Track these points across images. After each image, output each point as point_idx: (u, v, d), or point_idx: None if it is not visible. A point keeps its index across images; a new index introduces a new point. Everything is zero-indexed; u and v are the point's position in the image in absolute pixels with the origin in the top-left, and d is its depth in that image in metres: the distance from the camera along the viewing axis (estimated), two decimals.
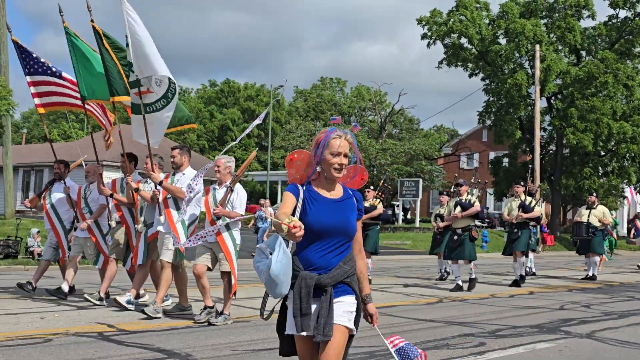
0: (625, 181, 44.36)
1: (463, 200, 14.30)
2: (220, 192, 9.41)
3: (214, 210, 9.12)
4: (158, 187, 9.55)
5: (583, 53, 46.34)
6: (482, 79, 46.19)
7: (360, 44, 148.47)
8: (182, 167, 9.84)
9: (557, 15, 44.96)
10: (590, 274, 18.25)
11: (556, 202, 45.38)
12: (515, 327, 9.16)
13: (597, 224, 18.19)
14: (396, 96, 72.78)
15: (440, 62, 47.29)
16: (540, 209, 16.29)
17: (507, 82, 42.14)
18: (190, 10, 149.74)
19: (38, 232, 19.80)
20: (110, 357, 6.66)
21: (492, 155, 54.98)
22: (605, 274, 20.22)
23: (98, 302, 10.16)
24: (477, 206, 14.23)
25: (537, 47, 39.58)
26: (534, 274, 19.07)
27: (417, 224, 43.93)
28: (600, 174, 44.00)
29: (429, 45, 46.52)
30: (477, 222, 15.92)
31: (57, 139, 78.37)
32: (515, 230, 15.66)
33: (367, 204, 15.23)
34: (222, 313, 9.09)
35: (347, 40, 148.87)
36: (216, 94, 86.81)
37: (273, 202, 56.76)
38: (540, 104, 41.29)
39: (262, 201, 27.98)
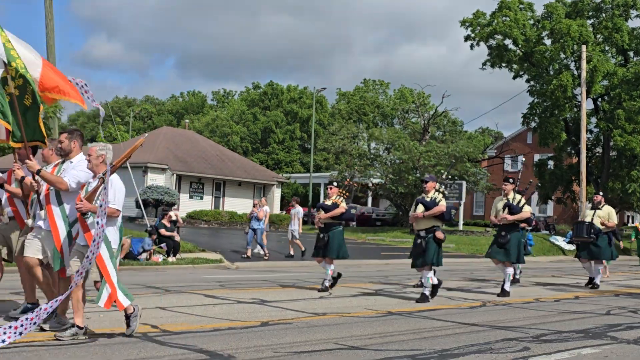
0: None
1: (427, 199, 12.43)
2: (93, 185, 7.95)
3: (77, 205, 7.71)
4: (37, 177, 8.07)
5: (631, 54, 45.56)
6: (527, 81, 45.72)
7: (409, 46, 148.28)
8: (70, 154, 8.33)
9: (604, 15, 44.29)
10: (597, 281, 16.50)
11: None
12: (560, 332, 9.04)
13: (601, 226, 16.44)
14: (440, 98, 72.89)
15: (484, 64, 46.96)
16: (530, 209, 14.15)
17: (552, 84, 41.62)
18: (241, 14, 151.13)
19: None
20: (153, 358, 6.73)
21: (536, 157, 54.37)
22: None
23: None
24: (442, 206, 12.32)
25: (584, 47, 39.01)
26: (517, 280, 16.97)
27: (461, 227, 43.59)
28: None
29: (472, 47, 46.23)
30: (525, 226, 15.29)
31: (103, 140, 79.56)
32: (503, 233, 13.67)
33: (329, 202, 13.71)
34: (73, 325, 7.62)
35: (396, 43, 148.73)
36: (259, 97, 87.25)
37: (315, 204, 56.82)
38: (587, 105, 40.68)
39: (256, 201, 27.22)
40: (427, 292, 12.36)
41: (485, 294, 14.27)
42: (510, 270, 13.83)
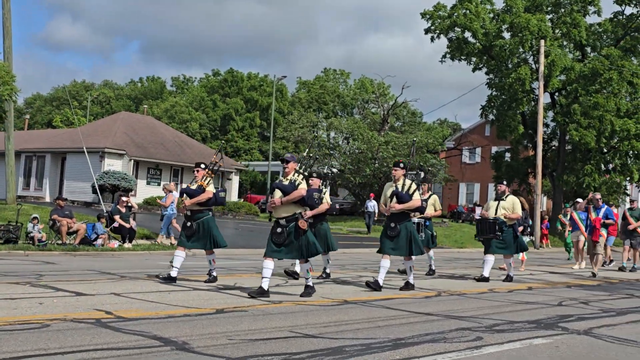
0: (627, 178, 44.34)
1: (285, 182, 11.01)
2: None
3: None
4: None
5: (588, 49, 46.28)
6: (486, 73, 46.17)
7: (376, 37, 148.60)
8: None
9: (562, 10, 44.89)
10: (511, 273, 15.83)
11: (557, 199, 45.38)
12: (512, 322, 9.17)
13: (505, 218, 15.34)
14: (400, 89, 72.97)
15: (444, 56, 47.27)
16: (419, 196, 12.56)
17: (511, 77, 42.12)
18: (208, 0, 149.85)
19: (35, 217, 19.82)
20: (107, 344, 6.67)
21: (494, 149, 54.97)
22: (605, 271, 20.21)
23: None
24: (301, 189, 10.83)
25: (542, 42, 39.51)
26: (433, 272, 16.48)
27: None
28: (602, 170, 43.95)
29: (432, 39, 46.50)
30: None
31: (60, 125, 78.41)
32: (392, 224, 12.26)
33: (194, 186, 12.55)
34: None
35: (363, 33, 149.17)
36: (219, 84, 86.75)
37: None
38: (544, 99, 41.25)
39: (164, 185, 25.57)
40: (311, 283, 11.25)
41: (441, 283, 14.39)
42: (410, 262, 12.68)
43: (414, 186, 12.31)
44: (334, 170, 47.89)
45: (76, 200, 39.65)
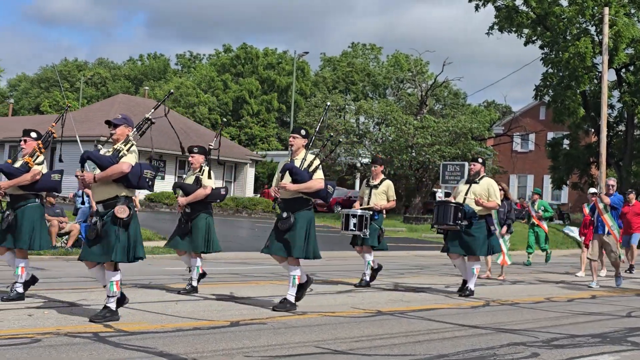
0: None
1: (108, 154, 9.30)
2: None
3: None
4: None
5: None
6: (540, 47, 45.80)
7: (418, 7, 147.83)
8: None
9: None
10: (471, 285, 13.43)
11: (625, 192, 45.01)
12: (573, 337, 9.13)
13: (476, 207, 13.17)
14: (440, 66, 72.50)
15: (491, 28, 46.93)
16: (322, 175, 10.54)
17: (569, 51, 41.72)
18: None
19: None
20: None
21: (550, 135, 54.65)
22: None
23: None
24: (123, 164, 9.02)
25: (606, 9, 39.08)
26: (368, 283, 14.36)
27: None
28: None
29: (477, 8, 46.19)
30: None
31: (48, 110, 79.08)
32: (285, 215, 10.40)
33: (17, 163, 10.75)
34: None
35: (404, 3, 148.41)
36: (231, 61, 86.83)
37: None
38: (608, 77, 40.87)
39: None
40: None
41: (490, 291, 14.36)
42: (297, 271, 10.48)
43: (317, 162, 10.51)
44: (364, 160, 47.89)
45: (67, 197, 39.98)
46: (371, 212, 14.13)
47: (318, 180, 10.44)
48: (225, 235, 27.29)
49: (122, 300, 9.24)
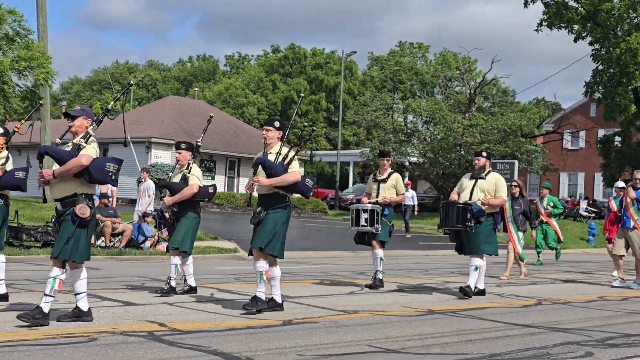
0: None
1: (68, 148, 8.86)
2: None
3: None
4: None
5: None
6: (590, 44, 45.21)
7: (471, 4, 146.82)
8: None
9: None
10: (472, 284, 12.60)
11: None
12: (628, 336, 9.01)
13: (482, 205, 12.52)
14: (488, 64, 71.85)
15: (540, 24, 46.46)
16: (298, 168, 10.11)
17: (620, 47, 41.13)
18: None
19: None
20: None
21: (601, 133, 53.92)
22: None
23: None
24: (83, 157, 8.55)
25: None
26: (381, 282, 13.63)
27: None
28: None
29: (526, 4, 45.77)
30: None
31: (101, 112, 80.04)
32: (259, 210, 9.94)
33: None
34: None
35: (452, 3, 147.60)
36: (279, 62, 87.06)
37: (343, 186, 56.92)
38: None
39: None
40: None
41: (541, 290, 14.23)
42: (264, 266, 9.88)
43: (291, 154, 9.93)
44: (412, 159, 47.71)
45: (120, 198, 40.46)
46: (381, 208, 13.49)
47: (293, 173, 9.86)
48: None
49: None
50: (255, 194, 10.14)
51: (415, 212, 33.64)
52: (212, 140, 46.69)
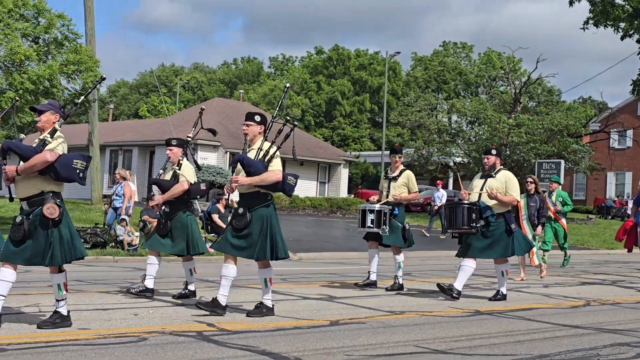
0: None
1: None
2: None
3: None
4: None
5: None
6: (638, 41, 44.67)
7: (517, 3, 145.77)
8: None
9: None
10: (503, 290, 12.19)
11: None
12: None
13: (490, 202, 11.78)
14: (533, 63, 71.13)
15: (586, 22, 45.99)
16: (278, 166, 9.44)
17: None
18: None
19: (123, 219, 20.40)
20: None
21: None
22: None
23: None
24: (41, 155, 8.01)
25: None
26: (401, 286, 13.18)
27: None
28: None
29: (571, 3, 45.33)
30: None
31: (147, 115, 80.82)
32: (241, 210, 9.43)
33: None
34: None
35: (497, 2, 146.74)
36: (323, 63, 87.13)
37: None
38: None
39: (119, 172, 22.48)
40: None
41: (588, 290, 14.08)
42: (231, 272, 9.41)
43: (272, 150, 9.38)
44: (457, 159, 47.50)
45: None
46: (390, 207, 12.84)
47: (274, 171, 9.30)
48: (321, 235, 27.51)
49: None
50: (235, 197, 9.75)
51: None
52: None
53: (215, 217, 21.92)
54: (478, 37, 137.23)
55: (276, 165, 9.34)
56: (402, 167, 13.19)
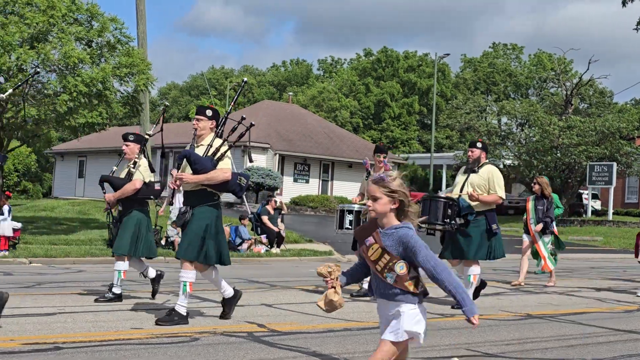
0: None
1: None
2: None
3: None
4: None
5: None
6: None
7: (573, 4, 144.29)
8: None
9: None
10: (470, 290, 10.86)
11: None
12: None
13: (472, 202, 10.82)
14: (585, 64, 69.98)
15: (639, 23, 45.38)
16: (228, 164, 8.88)
17: None
18: None
19: (175, 221, 20.51)
20: None
21: None
22: None
23: None
24: None
25: None
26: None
27: (610, 217, 42.45)
28: None
29: (624, 3, 44.73)
30: None
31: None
32: (183, 209, 8.96)
33: None
34: None
35: (552, 3, 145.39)
36: (372, 65, 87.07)
37: (436, 188, 56.55)
38: None
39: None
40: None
41: None
42: (188, 276, 8.84)
43: (224, 148, 8.86)
44: (507, 162, 47.09)
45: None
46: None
47: (222, 170, 8.75)
48: None
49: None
50: (180, 196, 9.41)
51: None
52: (306, 144, 46.99)
53: (265, 218, 21.99)
54: (531, 38, 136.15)
55: (226, 164, 8.84)
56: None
